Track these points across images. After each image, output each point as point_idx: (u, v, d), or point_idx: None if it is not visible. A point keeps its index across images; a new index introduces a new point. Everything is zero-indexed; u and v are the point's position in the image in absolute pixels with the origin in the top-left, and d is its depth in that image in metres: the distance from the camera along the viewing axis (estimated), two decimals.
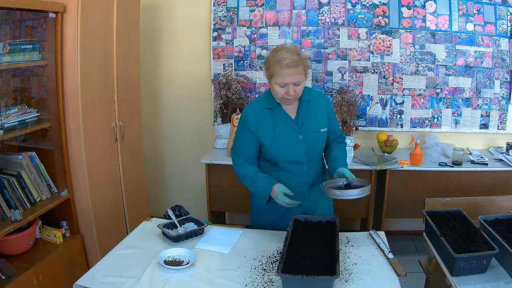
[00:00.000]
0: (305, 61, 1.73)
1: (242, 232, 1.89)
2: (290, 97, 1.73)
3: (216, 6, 3.24)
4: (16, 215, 2.03)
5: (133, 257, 1.67)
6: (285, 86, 1.70)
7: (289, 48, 1.71)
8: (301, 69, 1.69)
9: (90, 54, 2.33)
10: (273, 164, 1.86)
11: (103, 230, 2.53)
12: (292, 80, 1.68)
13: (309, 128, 1.83)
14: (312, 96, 1.87)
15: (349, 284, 1.46)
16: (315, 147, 1.87)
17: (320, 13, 3.16)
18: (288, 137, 1.81)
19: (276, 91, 1.73)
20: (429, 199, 2.07)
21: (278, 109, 1.82)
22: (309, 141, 1.83)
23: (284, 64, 1.65)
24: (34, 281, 2.06)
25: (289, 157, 1.83)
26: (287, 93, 1.71)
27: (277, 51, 1.71)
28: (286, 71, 1.66)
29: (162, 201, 3.63)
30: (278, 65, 1.67)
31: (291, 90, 1.70)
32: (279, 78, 1.69)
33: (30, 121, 2.19)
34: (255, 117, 1.83)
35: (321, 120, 1.86)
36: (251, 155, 1.88)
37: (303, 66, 1.70)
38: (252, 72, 3.30)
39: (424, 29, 3.09)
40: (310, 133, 1.83)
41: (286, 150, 1.82)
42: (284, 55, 1.67)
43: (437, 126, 3.22)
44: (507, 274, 1.45)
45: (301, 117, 1.83)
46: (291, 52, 1.68)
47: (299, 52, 1.72)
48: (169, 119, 3.55)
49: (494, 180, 2.79)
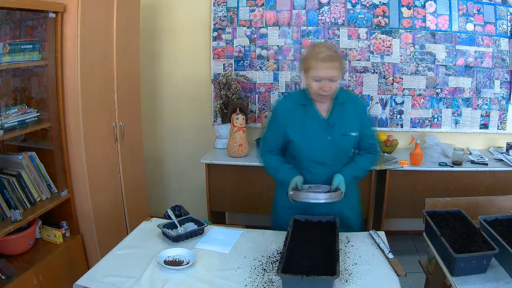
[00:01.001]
0: (342, 60, 1.73)
1: (242, 232, 1.89)
2: (325, 93, 1.72)
3: (216, 6, 3.24)
4: (16, 215, 2.03)
5: (133, 257, 1.67)
6: (320, 81, 1.70)
7: (326, 45, 1.75)
8: (337, 65, 1.69)
9: (90, 54, 2.33)
10: (298, 162, 1.86)
11: (103, 230, 2.53)
12: (327, 74, 1.68)
13: (340, 130, 1.81)
14: (348, 99, 1.86)
15: (349, 284, 1.46)
16: (342, 150, 1.84)
17: (320, 13, 3.16)
18: (317, 137, 1.80)
19: (311, 85, 1.74)
20: (429, 199, 2.07)
21: (311, 106, 1.82)
22: (337, 143, 1.81)
23: (321, 57, 1.67)
24: (34, 281, 2.06)
25: (314, 156, 1.82)
26: (321, 88, 1.71)
27: (315, 46, 1.75)
28: (321, 65, 1.67)
29: (162, 201, 3.63)
30: (314, 59, 1.69)
31: (326, 85, 1.70)
32: (315, 72, 1.70)
33: (30, 121, 2.19)
34: (285, 113, 1.85)
35: (353, 123, 1.83)
36: (274, 147, 1.91)
37: (339, 63, 1.71)
38: (252, 72, 3.30)
39: (424, 29, 3.09)
40: (339, 135, 1.81)
41: (313, 150, 1.81)
42: (321, 49, 1.70)
43: (437, 126, 3.22)
44: (507, 274, 1.45)
45: (333, 118, 1.81)
46: (328, 48, 1.71)
47: (336, 50, 1.74)
48: (169, 119, 3.55)
49: (494, 180, 2.79)
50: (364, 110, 1.92)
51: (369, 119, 1.96)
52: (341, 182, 1.77)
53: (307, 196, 1.71)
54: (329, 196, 1.71)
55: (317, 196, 1.71)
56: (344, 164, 1.86)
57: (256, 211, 3.03)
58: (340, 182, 1.77)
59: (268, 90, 3.31)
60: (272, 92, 3.31)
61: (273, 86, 3.30)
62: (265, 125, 2.03)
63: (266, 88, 3.31)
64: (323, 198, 1.70)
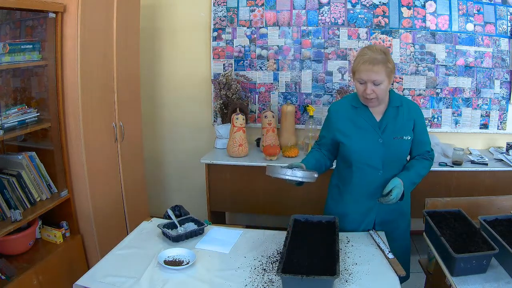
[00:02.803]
0: (389, 63, 1.70)
1: (242, 232, 1.89)
2: (369, 96, 1.71)
3: (216, 6, 3.24)
4: (16, 215, 2.03)
5: (133, 257, 1.67)
6: (364, 83, 1.70)
7: (374, 48, 1.71)
8: (381, 68, 1.67)
9: (90, 54, 2.33)
10: (349, 165, 1.85)
11: (103, 230, 2.53)
12: (369, 77, 1.67)
13: (392, 133, 1.78)
14: (402, 103, 1.83)
15: (349, 284, 1.46)
16: (394, 153, 1.80)
17: (320, 13, 3.16)
18: (368, 139, 1.79)
19: (356, 87, 1.75)
20: (429, 199, 2.07)
21: (364, 109, 1.81)
22: (389, 146, 1.77)
23: (363, 60, 1.68)
24: (34, 281, 2.06)
25: (365, 159, 1.80)
26: (365, 91, 1.70)
27: (364, 48, 1.74)
28: (363, 67, 1.67)
29: (162, 201, 3.63)
30: (357, 61, 1.71)
31: (368, 88, 1.69)
32: (358, 74, 1.71)
33: (30, 121, 2.19)
34: (338, 114, 1.87)
35: (406, 127, 1.80)
36: (325, 143, 1.94)
37: (384, 66, 1.67)
38: (252, 72, 3.30)
39: (424, 29, 3.09)
40: (391, 138, 1.78)
41: (363, 152, 1.79)
42: (366, 51, 1.70)
43: (437, 126, 3.22)
44: (507, 274, 1.45)
45: (386, 121, 1.79)
46: (375, 51, 1.69)
47: (384, 53, 1.70)
48: (169, 119, 3.55)
49: (494, 180, 2.78)
50: (420, 115, 1.85)
51: (424, 124, 1.87)
52: (396, 186, 1.71)
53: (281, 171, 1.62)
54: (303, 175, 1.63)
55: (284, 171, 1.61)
56: (398, 170, 1.82)
57: (256, 211, 3.04)
58: (395, 186, 1.71)
59: (268, 90, 3.31)
60: (272, 92, 3.31)
61: (273, 86, 3.30)
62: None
63: (266, 88, 3.31)
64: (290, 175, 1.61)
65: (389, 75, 1.71)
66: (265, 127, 3.07)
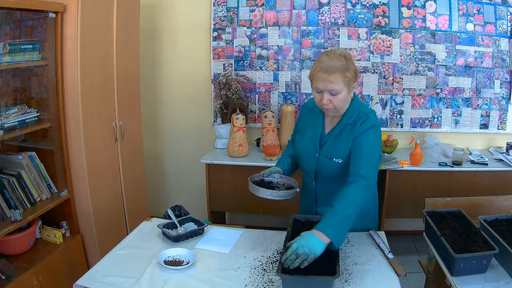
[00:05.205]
0: (347, 71, 1.56)
1: (242, 232, 1.89)
2: (325, 106, 1.61)
3: (216, 6, 3.24)
4: (16, 215, 2.03)
5: (133, 257, 1.66)
6: (321, 92, 1.60)
7: (333, 53, 1.58)
8: (338, 77, 1.54)
9: (90, 54, 2.33)
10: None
11: (103, 230, 2.53)
12: (325, 86, 1.57)
13: (326, 151, 1.71)
14: (356, 120, 1.65)
15: (349, 284, 1.46)
16: (325, 171, 1.73)
17: (320, 13, 3.16)
18: (309, 148, 1.77)
19: (314, 96, 1.66)
20: (429, 199, 2.07)
21: (319, 116, 1.75)
22: (321, 162, 1.73)
23: (319, 67, 1.56)
24: (34, 281, 2.06)
25: (304, 165, 1.82)
26: (321, 100, 1.61)
27: (323, 54, 1.61)
28: (319, 75, 1.56)
29: (162, 201, 3.63)
30: (314, 68, 1.60)
31: (325, 98, 1.58)
32: (314, 82, 1.61)
33: (30, 121, 2.19)
34: (301, 114, 1.88)
35: (342, 149, 1.67)
36: (293, 140, 1.95)
37: (341, 75, 1.55)
38: (252, 72, 3.30)
39: (424, 29, 3.09)
40: (323, 156, 1.72)
41: (303, 159, 1.80)
42: (323, 58, 1.58)
43: (437, 126, 3.22)
44: (507, 274, 1.45)
45: (327, 136, 1.72)
46: (333, 57, 1.56)
47: (345, 58, 1.57)
48: (169, 119, 3.55)
49: (494, 180, 2.78)
50: (367, 134, 1.63)
51: (369, 146, 1.63)
52: (300, 246, 1.40)
53: (260, 192, 1.67)
54: (282, 194, 1.69)
55: (263, 192, 1.67)
56: (332, 186, 1.69)
57: (256, 211, 3.03)
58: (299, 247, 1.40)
59: (268, 90, 3.31)
60: (272, 92, 3.31)
61: (273, 86, 3.30)
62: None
63: (266, 88, 3.31)
64: (270, 195, 1.66)
65: (348, 84, 1.58)
66: (265, 127, 3.07)
